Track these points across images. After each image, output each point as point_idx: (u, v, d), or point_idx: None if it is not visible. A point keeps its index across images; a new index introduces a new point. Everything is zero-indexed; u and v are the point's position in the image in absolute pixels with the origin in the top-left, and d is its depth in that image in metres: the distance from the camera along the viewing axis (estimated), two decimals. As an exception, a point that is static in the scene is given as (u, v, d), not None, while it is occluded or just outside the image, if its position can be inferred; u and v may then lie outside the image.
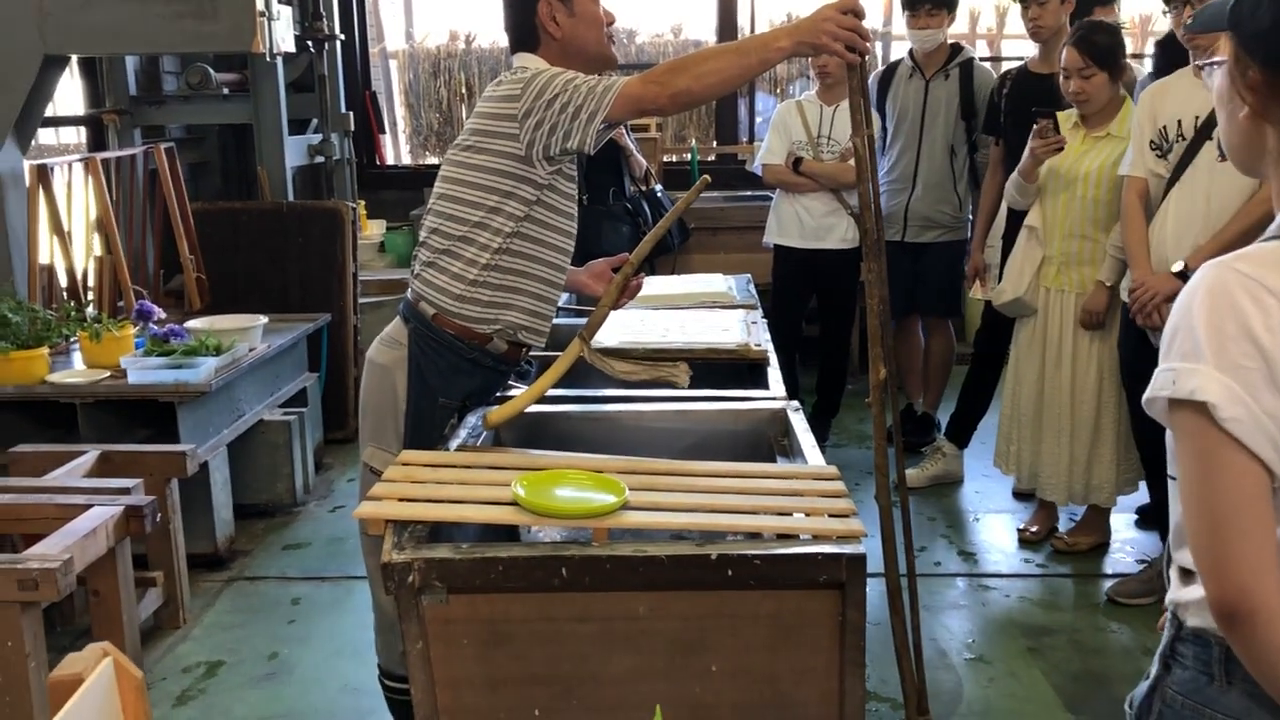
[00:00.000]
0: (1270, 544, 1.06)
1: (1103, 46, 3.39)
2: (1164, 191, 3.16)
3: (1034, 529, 3.91)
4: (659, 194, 5.25)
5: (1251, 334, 1.06)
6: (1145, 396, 1.14)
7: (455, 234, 2.26)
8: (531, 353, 2.46)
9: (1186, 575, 1.19)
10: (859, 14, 2.00)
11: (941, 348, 4.72)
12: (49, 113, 4.50)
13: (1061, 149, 3.53)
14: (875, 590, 3.48)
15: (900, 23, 6.83)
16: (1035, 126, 3.56)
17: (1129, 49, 4.41)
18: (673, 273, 5.08)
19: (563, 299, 2.84)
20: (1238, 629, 1.06)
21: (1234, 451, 1.06)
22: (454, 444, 2.14)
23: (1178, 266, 3.04)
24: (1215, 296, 1.09)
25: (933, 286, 4.56)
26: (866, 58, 2.04)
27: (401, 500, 1.78)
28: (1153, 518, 3.75)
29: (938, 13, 4.38)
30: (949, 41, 4.55)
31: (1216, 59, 1.24)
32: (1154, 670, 1.26)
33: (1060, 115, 3.61)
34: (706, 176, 2.38)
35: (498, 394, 2.44)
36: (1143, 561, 3.69)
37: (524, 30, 2.32)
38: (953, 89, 4.42)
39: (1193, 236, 3.07)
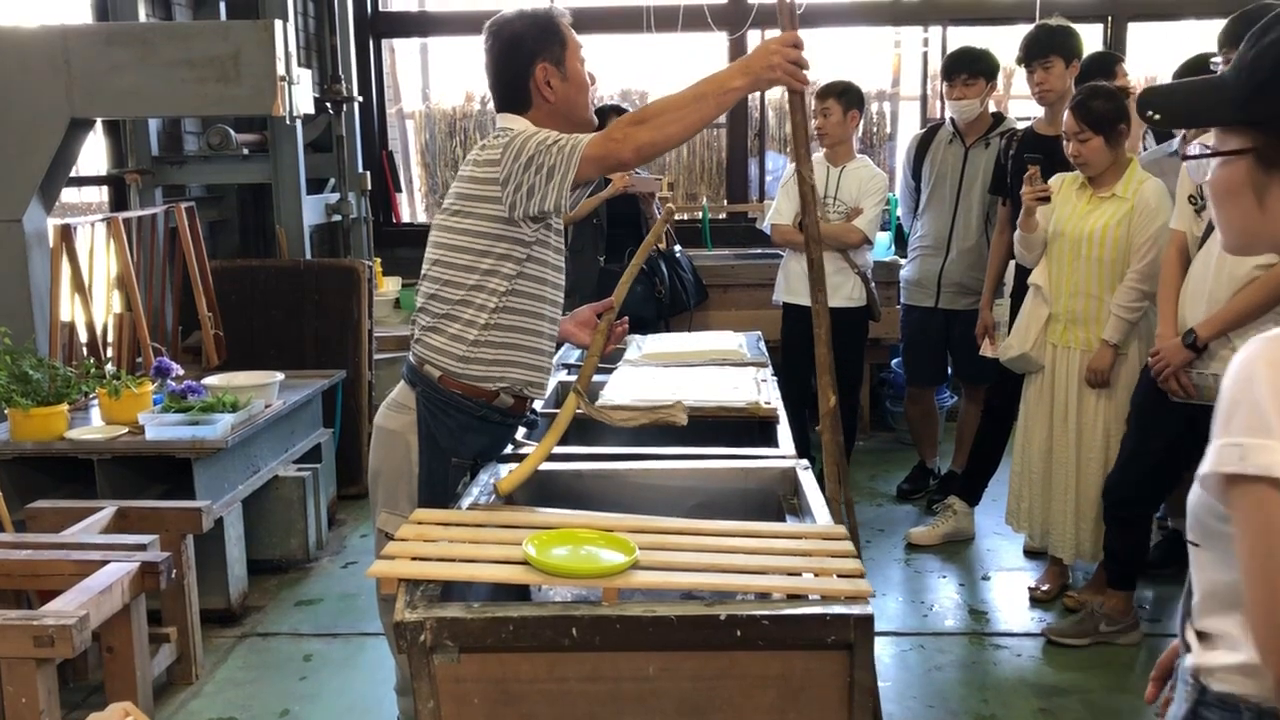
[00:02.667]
0: None
1: (1098, 112, 3.45)
2: (1197, 248, 3.20)
3: (1045, 587, 3.90)
4: (678, 254, 5.32)
5: None
6: (1202, 471, 1.13)
7: (453, 298, 2.31)
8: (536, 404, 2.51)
9: (1208, 639, 1.19)
10: (799, 45, 2.11)
11: (977, 412, 4.63)
12: (73, 173, 4.59)
13: (1048, 198, 3.60)
14: (886, 650, 3.49)
15: (907, 84, 6.98)
16: (1025, 175, 3.64)
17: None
18: (689, 329, 5.13)
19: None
20: None
21: None
22: (466, 502, 2.16)
23: (1187, 339, 3.11)
24: (1277, 369, 1.08)
25: (968, 354, 4.53)
26: (808, 87, 2.18)
27: (414, 559, 1.80)
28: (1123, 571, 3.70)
29: (974, 82, 4.44)
30: (991, 111, 4.61)
31: (1203, 149, 1.25)
32: None
33: (1068, 176, 3.67)
34: (671, 206, 2.47)
35: (508, 449, 2.48)
36: (1078, 602, 3.72)
37: (515, 91, 2.37)
38: (992, 156, 4.45)
39: (1203, 299, 3.10)
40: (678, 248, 5.35)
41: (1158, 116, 1.26)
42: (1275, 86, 1.15)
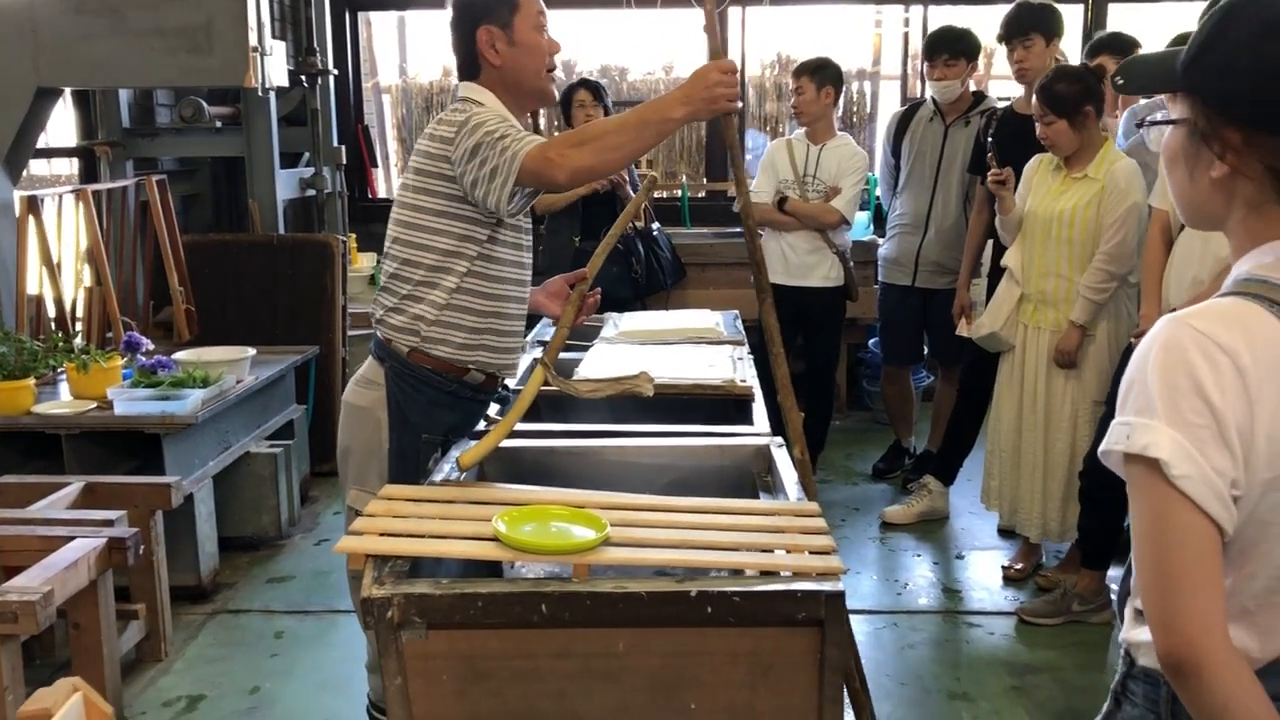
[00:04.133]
0: (1218, 599, 1.08)
1: (1061, 95, 3.44)
2: (1180, 227, 3.20)
3: (1018, 566, 3.91)
4: (655, 232, 5.27)
5: (1203, 391, 1.08)
6: (1101, 448, 1.16)
7: (414, 277, 2.29)
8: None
9: (1141, 615, 1.20)
10: (734, 70, 2.11)
11: (953, 392, 4.65)
12: (41, 144, 4.52)
13: (1003, 182, 3.64)
14: (860, 628, 3.49)
15: (888, 64, 6.96)
16: (988, 158, 3.67)
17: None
18: (665, 308, 5.10)
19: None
20: (1184, 681, 1.08)
21: (1184, 508, 1.07)
22: (437, 478, 2.14)
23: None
24: (1169, 352, 1.10)
25: (944, 334, 4.55)
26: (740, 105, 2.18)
27: (382, 535, 1.78)
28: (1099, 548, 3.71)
29: (955, 63, 4.43)
30: (972, 90, 4.60)
31: (1161, 117, 1.26)
32: (1106, 706, 1.29)
33: (1044, 157, 3.66)
34: (654, 174, 2.45)
35: (480, 425, 2.46)
36: (1050, 581, 3.74)
37: (466, 58, 2.33)
38: (973, 135, 4.44)
39: (1190, 276, 3.10)
40: (656, 225, 5.31)
41: (1120, 81, 1.30)
42: (1205, 56, 1.16)
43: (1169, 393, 1.08)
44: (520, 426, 2.55)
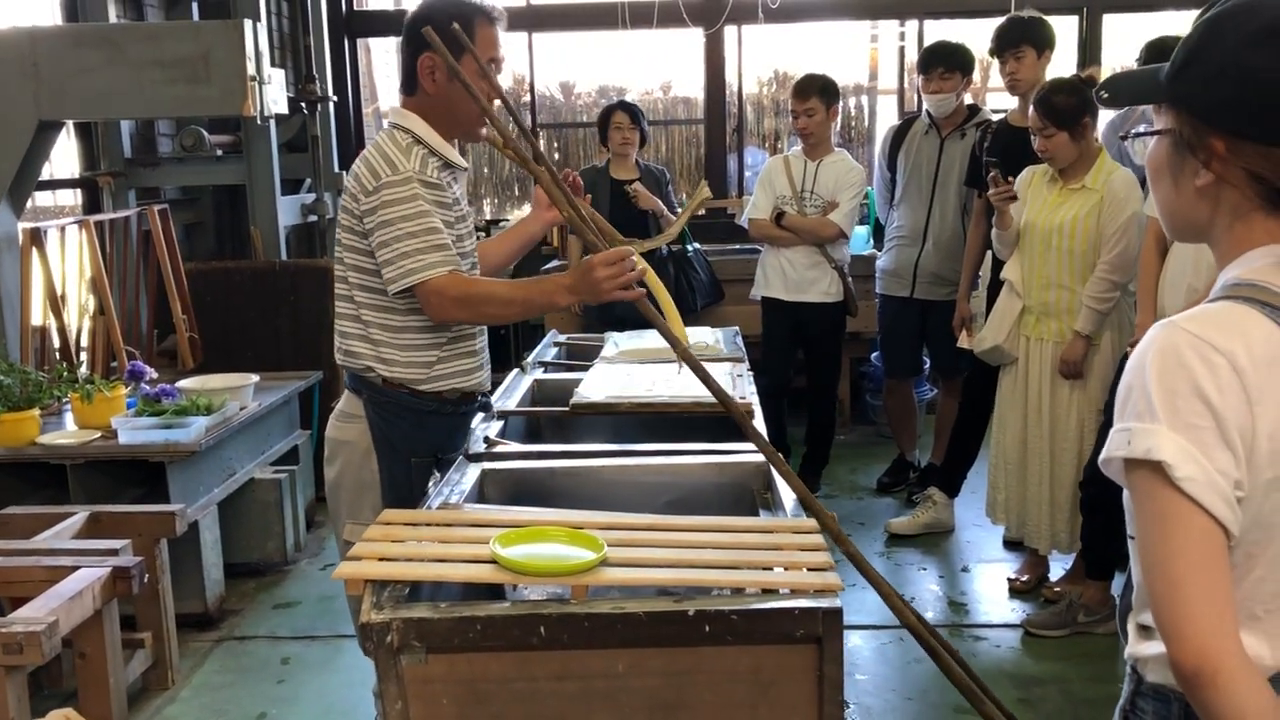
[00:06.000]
0: (1228, 603, 1.07)
1: (1060, 107, 3.45)
2: None
3: (1024, 578, 3.91)
4: (691, 253, 5.19)
5: (1202, 393, 1.08)
6: (1101, 457, 1.15)
7: (368, 309, 2.32)
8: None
9: (1145, 631, 1.20)
10: (623, 257, 2.14)
11: (955, 404, 4.58)
12: (44, 175, 4.55)
13: (1014, 197, 3.62)
14: (866, 644, 3.49)
15: (885, 78, 6.99)
16: (988, 177, 3.66)
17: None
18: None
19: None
20: (1199, 690, 1.06)
21: (1190, 511, 1.07)
22: (435, 502, 2.15)
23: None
24: (1165, 357, 1.10)
25: (944, 346, 4.54)
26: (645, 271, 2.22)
27: (381, 560, 1.79)
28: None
29: (950, 76, 4.45)
30: (966, 103, 4.61)
31: (1144, 128, 1.27)
32: None
33: (1039, 169, 3.67)
34: (706, 190, 2.45)
35: (480, 446, 2.47)
36: (1057, 592, 3.73)
37: (407, 75, 2.35)
38: (968, 148, 4.44)
39: (1185, 284, 3.10)
40: (694, 246, 5.22)
41: (1105, 95, 1.30)
42: (1189, 68, 1.18)
43: (1168, 396, 1.08)
44: (520, 448, 2.57)
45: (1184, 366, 1.09)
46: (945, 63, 4.45)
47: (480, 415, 2.60)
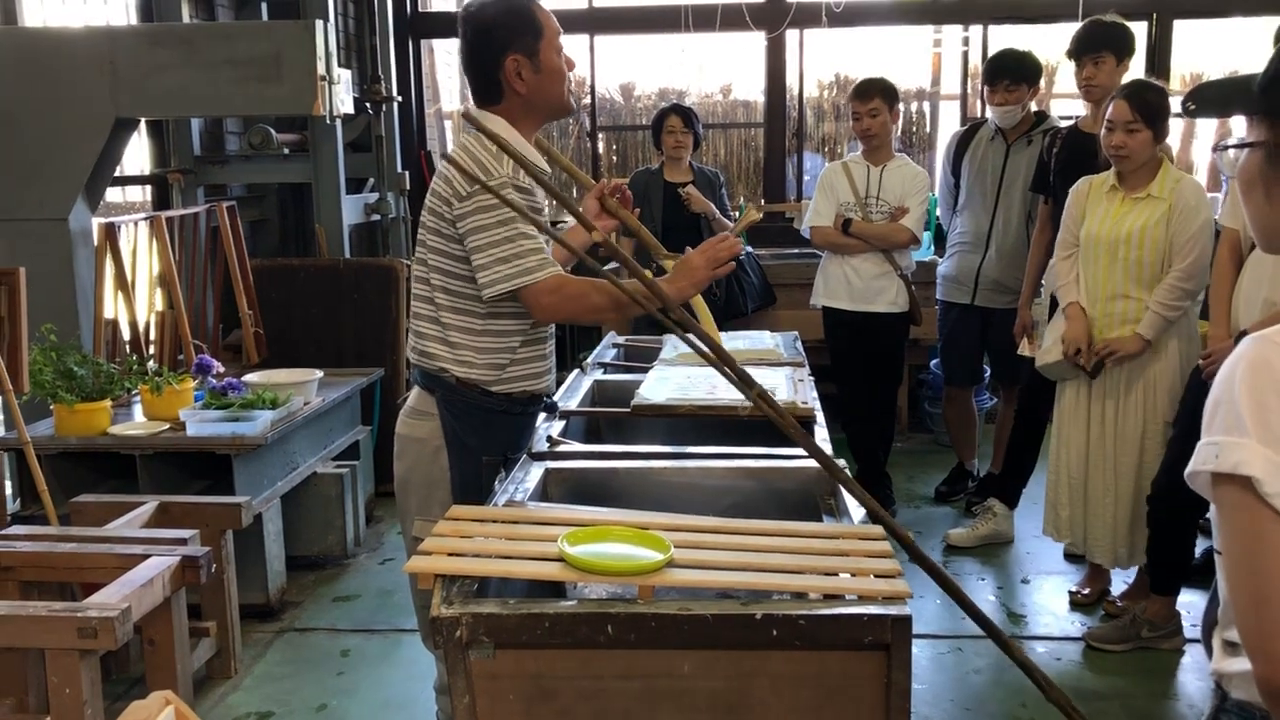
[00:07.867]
0: None
1: (1153, 104, 3.39)
2: (1250, 246, 3.12)
3: (1085, 591, 3.85)
4: (743, 256, 5.15)
5: None
6: (1187, 470, 1.13)
7: (447, 309, 2.34)
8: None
9: (1231, 647, 1.18)
10: (730, 247, 2.26)
11: (1014, 413, 4.50)
12: (117, 172, 4.66)
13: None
14: (923, 653, 3.46)
15: (947, 83, 6.92)
16: None
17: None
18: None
19: None
20: None
21: (1279, 526, 1.05)
22: (501, 500, 2.17)
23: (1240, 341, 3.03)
24: (1256, 370, 1.09)
25: (1005, 354, 4.49)
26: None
27: (450, 555, 1.81)
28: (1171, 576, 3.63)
29: (1016, 89, 4.40)
30: (1034, 110, 4.56)
31: (1234, 141, 1.25)
32: None
33: (1095, 179, 3.61)
34: (757, 215, 2.51)
35: (544, 445, 2.49)
36: (1120, 607, 3.68)
37: (487, 84, 2.35)
38: (1034, 155, 4.38)
39: (1261, 297, 3.03)
40: (746, 249, 5.19)
41: (1193, 106, 1.27)
42: None
43: (1258, 410, 1.07)
44: (583, 447, 2.59)
45: (1276, 380, 1.07)
46: (1012, 74, 4.39)
47: (543, 415, 2.62)
